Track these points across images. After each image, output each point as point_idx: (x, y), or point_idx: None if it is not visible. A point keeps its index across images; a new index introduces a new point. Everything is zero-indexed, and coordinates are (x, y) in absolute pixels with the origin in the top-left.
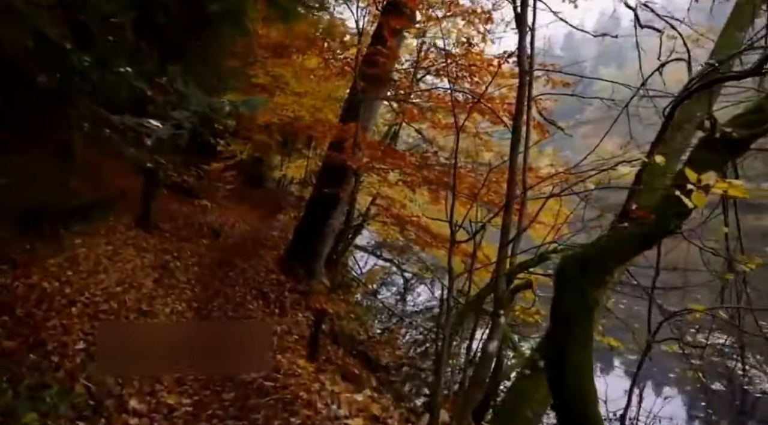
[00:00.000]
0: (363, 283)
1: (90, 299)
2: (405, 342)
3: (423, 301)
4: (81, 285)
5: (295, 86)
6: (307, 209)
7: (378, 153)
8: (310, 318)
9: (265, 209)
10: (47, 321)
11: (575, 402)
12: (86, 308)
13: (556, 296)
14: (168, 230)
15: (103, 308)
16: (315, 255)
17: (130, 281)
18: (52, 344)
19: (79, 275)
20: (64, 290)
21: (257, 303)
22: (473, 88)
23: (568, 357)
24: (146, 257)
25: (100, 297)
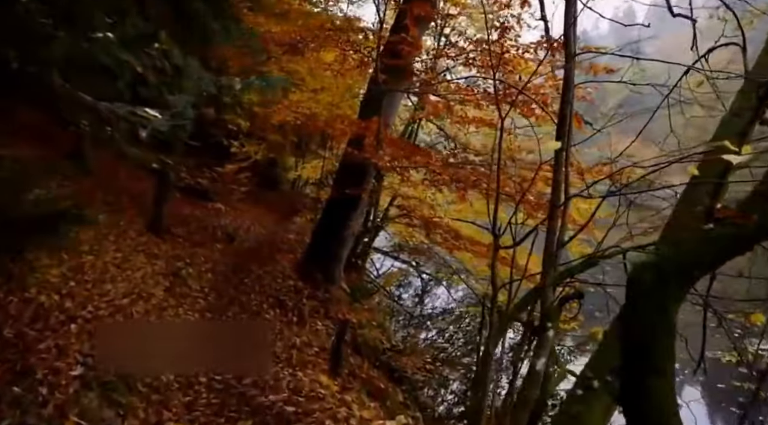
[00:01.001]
0: (382, 286)
1: (93, 313)
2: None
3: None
4: (84, 298)
5: (311, 82)
6: (325, 211)
7: (401, 151)
8: (330, 327)
9: (280, 211)
10: (40, 343)
11: None
12: (87, 325)
13: (628, 312)
14: (180, 235)
15: (106, 324)
16: (334, 259)
17: (139, 292)
18: (42, 371)
19: (83, 286)
20: (63, 305)
21: (274, 312)
22: (506, 77)
23: (646, 385)
24: (157, 264)
25: (105, 311)
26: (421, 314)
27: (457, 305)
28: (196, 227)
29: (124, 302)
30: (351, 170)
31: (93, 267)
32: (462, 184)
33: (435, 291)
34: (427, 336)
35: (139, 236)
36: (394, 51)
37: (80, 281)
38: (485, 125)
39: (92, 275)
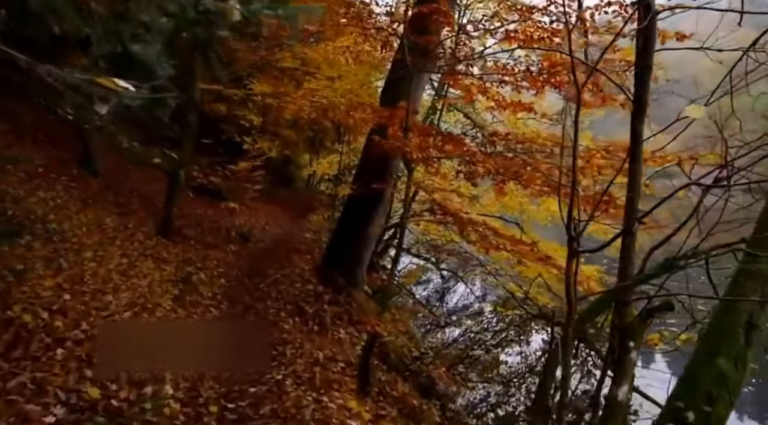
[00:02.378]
0: (403, 286)
1: (86, 332)
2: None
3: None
4: (78, 314)
5: (327, 70)
6: (346, 209)
7: (431, 139)
8: (354, 335)
9: (296, 209)
10: (12, 378)
11: None
12: (77, 349)
13: None
14: (192, 237)
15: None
16: (356, 261)
17: (144, 302)
18: (6, 421)
19: (79, 299)
20: (52, 324)
21: (293, 321)
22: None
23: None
24: (166, 269)
25: (102, 329)
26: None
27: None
28: (209, 227)
29: (125, 316)
30: (373, 164)
31: (94, 276)
32: (501, 176)
33: (455, 288)
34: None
35: (148, 240)
36: (421, 27)
37: (77, 292)
38: (523, 110)
39: (92, 285)
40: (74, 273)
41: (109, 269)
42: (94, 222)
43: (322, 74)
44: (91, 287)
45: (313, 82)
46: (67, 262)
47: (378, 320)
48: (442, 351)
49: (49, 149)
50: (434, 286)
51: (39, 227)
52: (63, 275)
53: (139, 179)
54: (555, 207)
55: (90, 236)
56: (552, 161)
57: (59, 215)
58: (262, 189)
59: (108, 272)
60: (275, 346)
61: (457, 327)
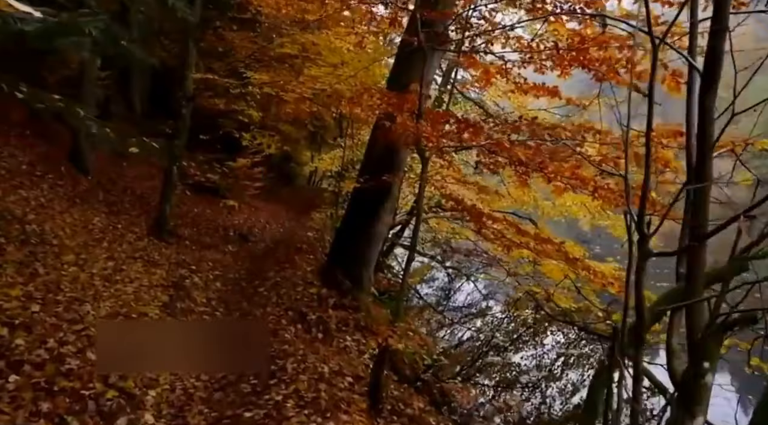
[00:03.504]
0: (410, 286)
1: (51, 353)
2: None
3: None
4: (46, 328)
5: (330, 57)
6: (351, 206)
7: (446, 126)
8: (362, 342)
9: (297, 207)
10: None
11: None
12: (36, 374)
13: None
14: (187, 237)
15: (67, 369)
16: (362, 261)
17: (127, 312)
18: None
19: (51, 310)
20: (11, 344)
21: (295, 328)
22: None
23: None
24: (156, 273)
25: (72, 347)
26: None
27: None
28: (206, 227)
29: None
30: (379, 156)
31: (73, 282)
32: (524, 167)
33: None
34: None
35: (138, 241)
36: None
37: (49, 302)
38: (547, 94)
39: (69, 292)
40: (50, 279)
41: (91, 274)
42: (79, 222)
43: (324, 61)
44: (67, 296)
45: (314, 69)
46: (44, 266)
47: (390, 329)
48: (454, 355)
49: (36, 145)
50: (438, 284)
51: (15, 228)
52: (36, 282)
53: (133, 176)
54: (571, 202)
55: (74, 237)
56: (582, 151)
57: (41, 215)
58: (262, 187)
59: (90, 277)
60: (275, 360)
61: (464, 327)
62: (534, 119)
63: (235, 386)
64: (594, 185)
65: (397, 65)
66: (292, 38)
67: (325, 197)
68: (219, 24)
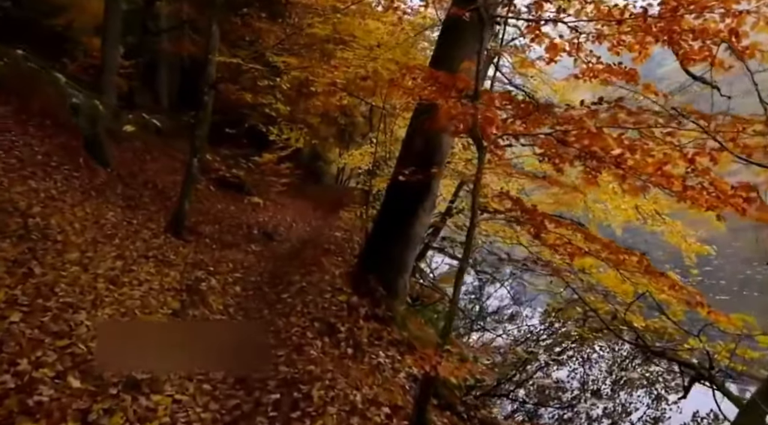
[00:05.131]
0: (444, 292)
1: (21, 379)
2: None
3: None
4: (23, 345)
5: (364, 38)
6: (386, 204)
7: (505, 109)
8: (396, 359)
9: (325, 206)
10: None
11: None
12: None
13: None
14: (207, 235)
15: (36, 402)
16: (398, 266)
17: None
18: None
19: (36, 320)
20: None
21: (322, 342)
22: None
23: None
24: (169, 274)
25: (49, 370)
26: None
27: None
28: (228, 224)
29: (92, 345)
30: (420, 147)
31: (73, 284)
32: (596, 162)
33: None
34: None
35: (154, 238)
36: None
37: (37, 309)
38: (624, 78)
39: (65, 297)
40: (45, 281)
41: (95, 275)
42: (91, 217)
43: (358, 43)
44: (60, 301)
45: (347, 51)
46: (41, 265)
47: (438, 353)
48: (491, 368)
49: (56, 136)
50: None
51: (15, 221)
52: (27, 284)
53: (155, 170)
54: (626, 205)
55: (82, 233)
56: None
57: (48, 207)
58: (289, 184)
59: (93, 278)
60: (298, 385)
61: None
62: (620, 100)
63: (250, 419)
64: (682, 185)
65: (443, 42)
66: (323, 18)
67: (354, 195)
68: (246, 11)
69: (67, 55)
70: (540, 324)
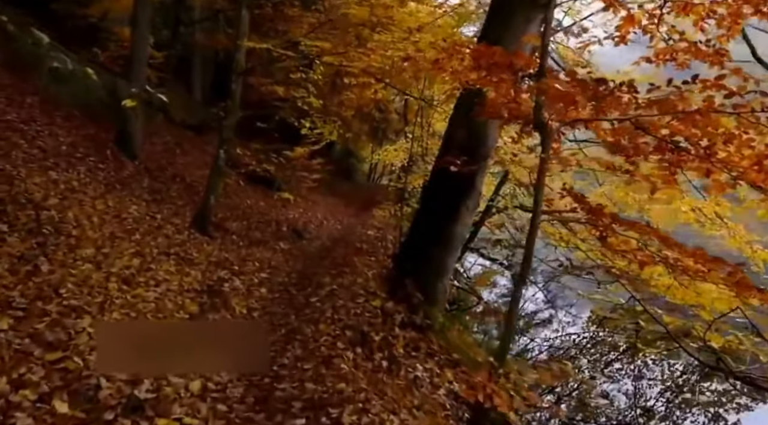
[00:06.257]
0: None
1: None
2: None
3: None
4: (5, 359)
5: (405, 20)
6: (424, 202)
7: (574, 90)
8: (435, 372)
9: (357, 203)
10: None
11: None
12: None
13: None
14: (234, 231)
15: None
16: (437, 269)
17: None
18: None
19: (29, 327)
20: None
21: (354, 353)
22: None
23: None
24: (190, 273)
25: (30, 392)
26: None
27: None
28: (257, 221)
29: (91, 357)
30: (463, 138)
31: (82, 284)
32: (680, 154)
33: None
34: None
35: (177, 234)
36: None
37: (34, 314)
38: (712, 59)
39: (70, 299)
40: (51, 279)
41: (107, 274)
42: (112, 210)
43: (397, 26)
44: (64, 304)
45: (384, 34)
46: (50, 262)
47: (493, 379)
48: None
49: (84, 126)
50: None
51: (27, 214)
52: (29, 284)
53: (185, 164)
54: (687, 206)
55: (100, 227)
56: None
57: (67, 200)
58: (320, 180)
59: (105, 278)
60: (327, 407)
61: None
62: (720, 78)
63: None
64: None
65: (490, 23)
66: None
67: (388, 192)
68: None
69: (98, 44)
70: (583, 332)
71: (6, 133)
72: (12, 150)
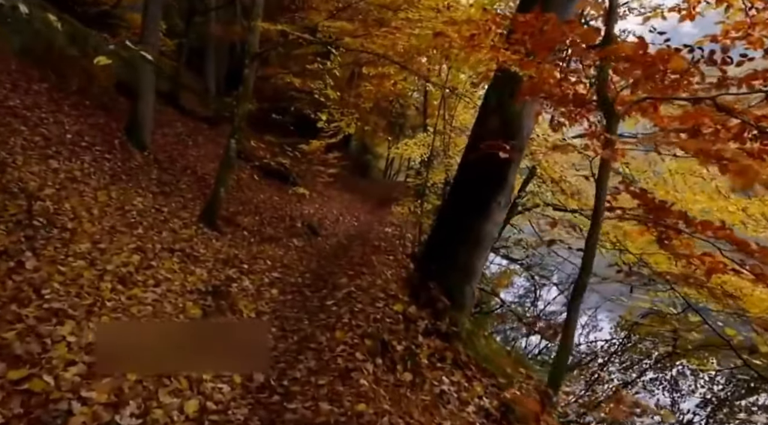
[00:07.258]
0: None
1: None
2: None
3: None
4: None
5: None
6: (451, 198)
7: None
8: (462, 385)
9: (373, 199)
10: None
11: None
12: None
13: None
14: (245, 227)
15: None
16: (464, 271)
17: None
18: None
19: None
20: None
21: (374, 364)
22: None
23: None
24: (195, 272)
25: None
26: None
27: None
28: (270, 216)
29: (66, 374)
30: (496, 126)
31: (70, 283)
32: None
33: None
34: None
35: (184, 228)
36: None
37: (6, 319)
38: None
39: (53, 301)
40: (34, 278)
41: (102, 272)
42: (115, 202)
43: (423, 4)
44: (44, 307)
45: (410, 12)
46: (37, 258)
47: (548, 412)
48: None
49: (93, 115)
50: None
51: (17, 204)
52: (8, 283)
53: (196, 156)
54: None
55: (100, 220)
56: None
57: (66, 190)
58: (336, 175)
59: (99, 276)
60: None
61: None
62: None
63: None
64: None
65: None
66: None
67: (407, 188)
68: None
69: (110, 30)
70: (612, 338)
71: (6, 119)
72: (11, 137)
